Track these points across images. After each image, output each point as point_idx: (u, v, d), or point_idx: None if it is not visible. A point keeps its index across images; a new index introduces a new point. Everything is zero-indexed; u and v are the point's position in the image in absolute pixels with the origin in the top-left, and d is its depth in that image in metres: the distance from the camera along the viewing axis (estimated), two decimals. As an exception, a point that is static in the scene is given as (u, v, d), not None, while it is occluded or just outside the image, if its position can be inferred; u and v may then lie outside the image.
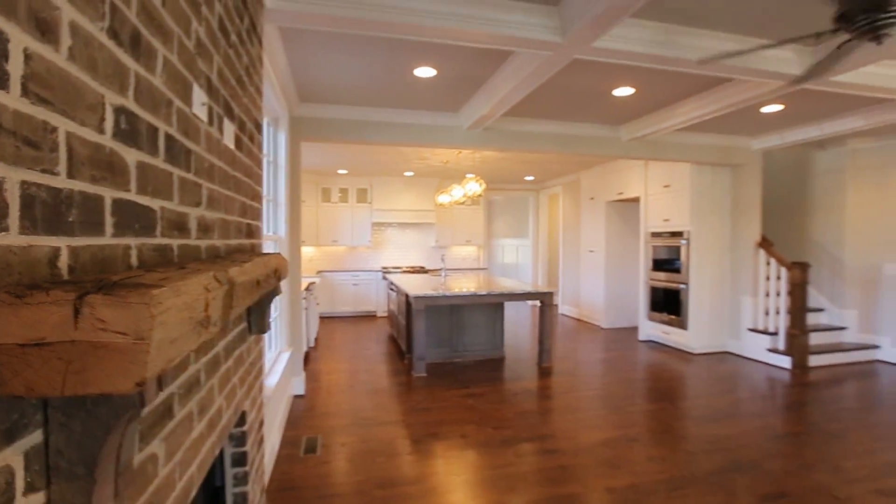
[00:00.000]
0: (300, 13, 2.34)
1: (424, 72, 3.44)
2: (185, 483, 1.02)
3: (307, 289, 5.58)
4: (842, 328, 5.59)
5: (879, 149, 5.45)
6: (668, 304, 6.05)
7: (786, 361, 5.08)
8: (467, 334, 5.41)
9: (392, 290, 6.35)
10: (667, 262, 6.06)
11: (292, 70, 3.43)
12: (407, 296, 5.12)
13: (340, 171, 8.28)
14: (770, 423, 3.59)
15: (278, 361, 3.43)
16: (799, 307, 5.01)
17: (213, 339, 1.25)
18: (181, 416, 1.00)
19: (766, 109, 4.32)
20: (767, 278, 5.48)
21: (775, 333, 5.27)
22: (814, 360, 5.16)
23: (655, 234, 6.27)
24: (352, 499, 2.51)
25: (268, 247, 3.43)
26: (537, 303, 9.91)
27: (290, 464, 2.89)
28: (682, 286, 5.81)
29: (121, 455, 0.58)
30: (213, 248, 1.30)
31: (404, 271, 8.65)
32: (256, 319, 1.63)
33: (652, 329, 6.35)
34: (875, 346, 5.42)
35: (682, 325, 5.80)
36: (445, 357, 5.32)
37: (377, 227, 9.13)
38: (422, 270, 8.86)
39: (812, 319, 5.73)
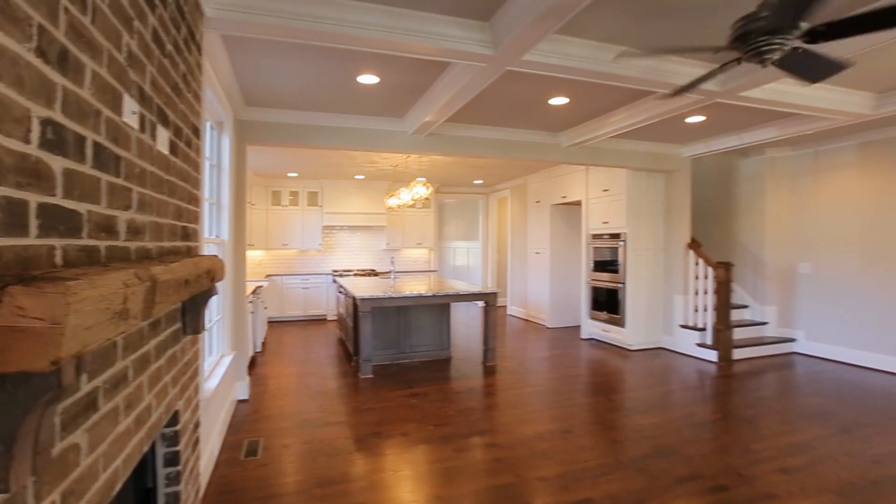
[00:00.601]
0: (242, 22, 2.38)
1: (368, 79, 3.53)
2: (108, 475, 1.07)
3: (254, 292, 5.51)
4: (763, 323, 6.09)
5: (794, 157, 6.00)
6: (607, 303, 6.39)
7: (713, 355, 5.50)
8: (414, 336, 5.51)
9: (341, 293, 6.36)
10: (607, 263, 6.40)
11: (237, 75, 3.43)
12: (354, 298, 5.17)
13: (290, 175, 8.20)
14: (693, 411, 3.90)
15: (220, 365, 3.41)
16: (724, 304, 5.44)
17: (142, 337, 1.30)
18: (106, 410, 1.05)
19: (690, 120, 4.69)
20: (697, 277, 5.89)
21: (704, 329, 5.69)
22: (738, 353, 5.61)
23: (596, 236, 6.61)
24: (291, 499, 2.56)
25: (210, 250, 3.41)
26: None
27: (229, 467, 2.89)
28: (620, 286, 6.16)
29: (39, 435, 0.65)
30: (143, 249, 1.34)
31: (355, 274, 8.66)
32: (191, 320, 1.67)
33: (593, 327, 6.68)
34: (792, 340, 5.95)
35: (621, 323, 6.15)
36: (392, 358, 5.40)
37: (328, 230, 9.09)
38: (373, 273, 8.89)
39: (737, 315, 6.21)
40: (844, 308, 5.46)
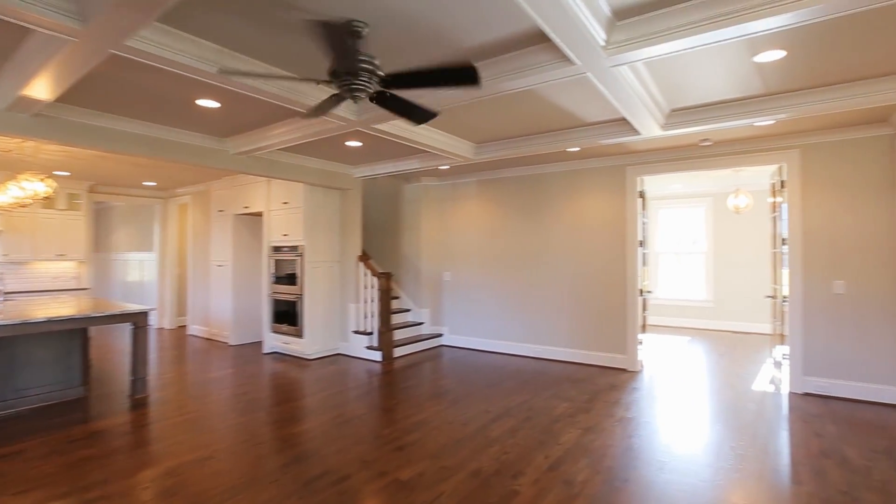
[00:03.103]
0: None
1: None
2: None
3: None
4: (420, 323, 7.14)
5: (441, 187, 7.29)
6: (288, 315, 6.36)
7: (378, 356, 6.09)
8: (23, 376, 4.22)
9: None
10: (287, 276, 6.38)
11: None
12: None
13: None
14: (345, 411, 4.17)
15: None
16: (385, 309, 6.11)
17: None
18: None
19: (349, 144, 5.09)
20: (366, 287, 6.46)
21: (371, 333, 6.26)
22: (399, 351, 6.39)
23: (276, 249, 6.52)
24: None
25: None
26: (155, 324, 8.83)
27: None
28: (298, 297, 6.22)
29: None
30: None
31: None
32: None
33: (275, 341, 6.54)
34: (440, 335, 7.16)
35: (300, 334, 6.20)
36: (-20, 411, 3.99)
37: None
38: (-22, 297, 6.50)
39: (401, 318, 7.10)
40: (472, 306, 6.92)
